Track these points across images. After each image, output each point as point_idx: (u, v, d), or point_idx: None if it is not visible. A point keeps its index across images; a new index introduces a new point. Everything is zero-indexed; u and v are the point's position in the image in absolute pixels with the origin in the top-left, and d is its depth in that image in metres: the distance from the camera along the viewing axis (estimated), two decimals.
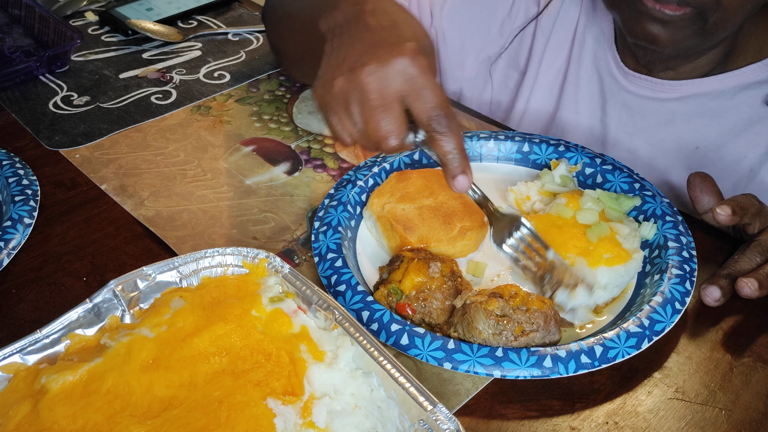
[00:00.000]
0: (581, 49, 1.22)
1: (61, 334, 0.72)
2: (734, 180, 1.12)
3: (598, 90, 1.21)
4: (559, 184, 0.99)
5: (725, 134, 1.12)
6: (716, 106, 1.11)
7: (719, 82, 1.10)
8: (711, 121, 1.12)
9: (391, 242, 0.92)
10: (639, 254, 0.89)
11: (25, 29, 1.42)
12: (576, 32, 1.22)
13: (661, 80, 1.14)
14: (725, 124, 1.12)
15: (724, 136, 1.12)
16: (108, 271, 0.91)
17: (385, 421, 0.69)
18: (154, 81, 1.30)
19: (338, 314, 0.73)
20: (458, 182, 0.80)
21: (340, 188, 0.99)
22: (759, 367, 0.81)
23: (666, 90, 1.14)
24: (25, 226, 0.93)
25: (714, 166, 1.12)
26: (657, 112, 1.16)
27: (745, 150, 1.11)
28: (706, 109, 1.12)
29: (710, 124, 1.12)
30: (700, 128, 1.13)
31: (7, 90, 1.25)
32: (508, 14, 1.28)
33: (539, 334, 0.78)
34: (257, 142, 1.15)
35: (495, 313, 0.78)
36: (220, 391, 0.67)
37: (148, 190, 1.04)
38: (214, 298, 0.76)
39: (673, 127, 1.15)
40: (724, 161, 1.13)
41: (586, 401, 0.77)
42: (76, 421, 0.64)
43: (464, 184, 0.81)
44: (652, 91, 1.15)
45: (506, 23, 1.28)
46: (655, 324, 0.81)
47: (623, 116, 1.19)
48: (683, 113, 1.14)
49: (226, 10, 1.53)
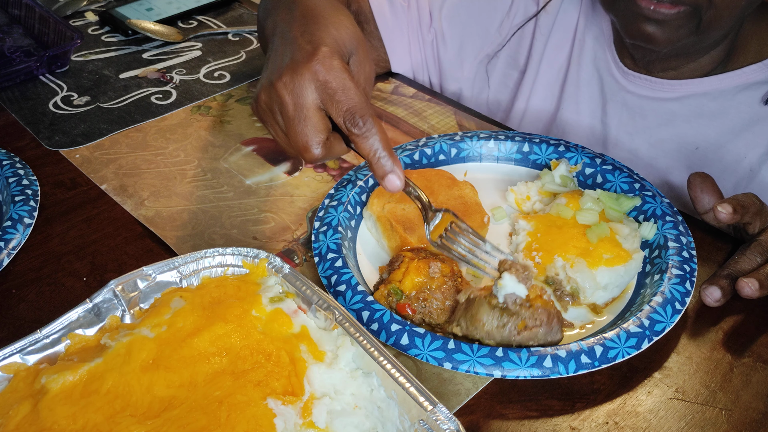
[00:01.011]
0: (581, 50, 1.22)
1: (61, 334, 0.72)
2: (735, 180, 1.12)
3: (598, 90, 1.21)
4: (559, 184, 0.99)
5: (725, 134, 1.12)
6: (716, 106, 1.12)
7: (719, 81, 1.11)
8: (711, 121, 1.12)
9: (391, 242, 0.92)
10: (639, 254, 0.89)
11: (25, 29, 1.42)
12: (576, 32, 1.23)
13: (660, 80, 1.14)
14: (725, 124, 1.12)
15: (724, 136, 1.12)
16: (108, 271, 0.91)
17: (385, 421, 0.69)
18: (154, 81, 1.30)
19: (338, 314, 0.73)
20: (389, 182, 0.78)
21: (340, 188, 0.99)
22: (759, 367, 0.81)
23: (666, 89, 1.14)
24: (25, 226, 0.93)
25: (714, 167, 1.12)
26: (657, 112, 1.16)
27: (744, 150, 1.11)
28: (705, 109, 1.12)
29: (710, 124, 1.13)
30: (700, 128, 1.13)
31: (7, 90, 1.26)
32: (507, 13, 1.28)
33: (542, 330, 0.78)
34: (257, 142, 1.15)
35: (499, 307, 0.78)
36: (220, 391, 0.67)
37: (148, 190, 1.04)
38: (214, 298, 0.76)
39: (673, 127, 1.15)
40: (724, 161, 1.13)
41: (587, 401, 0.77)
42: (76, 421, 0.64)
43: (395, 184, 0.78)
44: (652, 91, 1.15)
45: (505, 22, 1.28)
46: (655, 324, 0.81)
47: (624, 116, 1.19)
48: (683, 113, 1.14)
49: (226, 10, 1.53)
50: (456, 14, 1.31)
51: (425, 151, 1.06)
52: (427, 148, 1.07)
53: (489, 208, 1.00)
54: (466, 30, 1.31)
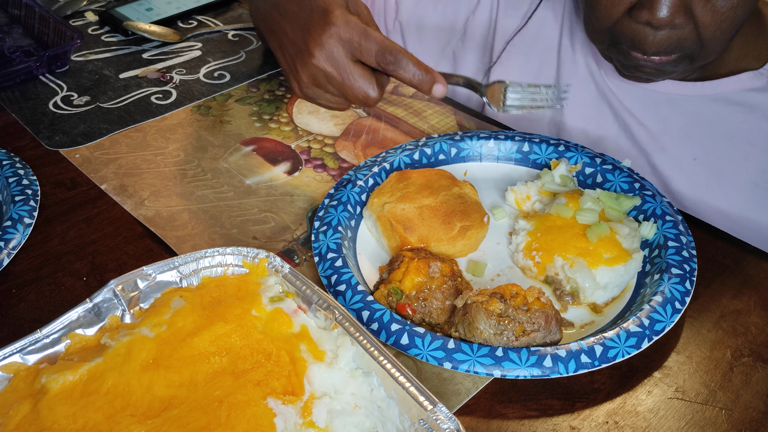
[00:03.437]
0: (573, 54, 1.21)
1: (61, 333, 0.72)
2: (738, 191, 1.12)
3: (594, 94, 1.21)
4: (559, 184, 0.99)
5: (722, 143, 1.12)
6: (711, 114, 1.11)
7: (712, 88, 1.10)
8: (705, 130, 1.12)
9: (391, 242, 0.92)
10: (639, 254, 0.89)
11: (25, 29, 1.42)
12: (561, 38, 1.23)
13: (654, 89, 1.13)
14: (721, 133, 1.11)
15: (719, 144, 1.12)
16: (108, 271, 0.91)
17: (385, 421, 0.69)
18: (154, 81, 1.30)
19: (338, 314, 0.73)
20: (436, 91, 0.87)
21: (340, 188, 0.99)
22: (759, 366, 0.82)
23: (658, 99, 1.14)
24: (25, 226, 0.93)
25: (714, 176, 1.12)
26: (654, 120, 1.16)
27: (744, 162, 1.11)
28: (701, 118, 1.12)
29: (705, 133, 1.12)
30: (697, 137, 1.13)
31: (7, 90, 1.26)
32: (473, 11, 1.30)
33: (540, 334, 0.78)
34: (257, 141, 1.15)
35: (496, 313, 0.78)
36: (221, 391, 0.67)
37: (148, 190, 1.04)
38: (214, 297, 0.76)
39: (669, 136, 1.15)
40: (723, 172, 1.12)
41: (586, 401, 0.78)
42: (77, 420, 0.64)
43: (441, 90, 0.87)
44: (644, 98, 1.15)
45: (470, 20, 1.31)
46: (655, 324, 0.81)
47: (620, 123, 1.19)
48: (679, 121, 1.14)
49: (226, 10, 1.53)
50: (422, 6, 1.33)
51: (425, 151, 1.06)
52: (427, 148, 1.07)
53: (489, 208, 1.00)
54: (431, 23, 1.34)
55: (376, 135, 1.16)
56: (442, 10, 1.33)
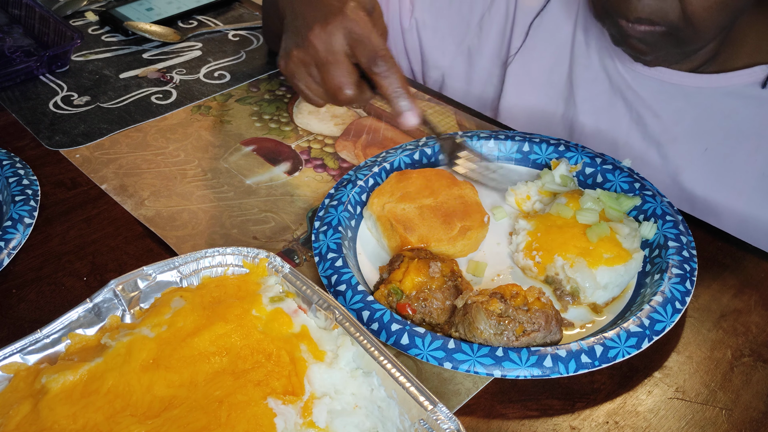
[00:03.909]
0: (587, 50, 1.22)
1: (61, 333, 0.72)
2: (747, 181, 1.12)
3: (607, 89, 1.21)
4: (559, 184, 0.99)
5: (733, 135, 1.12)
6: (723, 106, 1.12)
7: (726, 80, 1.11)
8: (717, 122, 1.12)
9: (391, 242, 0.92)
10: (639, 254, 0.89)
11: (25, 29, 1.42)
12: (575, 32, 1.23)
13: (669, 79, 1.14)
14: (733, 125, 1.12)
15: (730, 136, 1.12)
16: (108, 271, 0.91)
17: (386, 421, 0.69)
18: (154, 81, 1.30)
19: (338, 314, 0.73)
20: (406, 118, 0.87)
21: (341, 188, 0.99)
22: (759, 366, 0.82)
23: (672, 91, 1.14)
24: (25, 226, 0.93)
25: (723, 168, 1.12)
26: (668, 111, 1.16)
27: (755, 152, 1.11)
28: (714, 110, 1.12)
29: (717, 125, 1.12)
30: (709, 128, 1.13)
31: (7, 90, 1.26)
32: (488, 9, 1.30)
33: (540, 334, 0.78)
34: (257, 142, 1.15)
35: (496, 313, 0.78)
36: (221, 391, 0.67)
37: (148, 190, 1.04)
38: (215, 297, 0.76)
39: (681, 127, 1.15)
40: (733, 163, 1.12)
41: (587, 401, 0.78)
42: (77, 420, 0.64)
43: (412, 119, 0.87)
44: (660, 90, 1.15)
45: (486, 18, 1.30)
46: (656, 324, 0.81)
47: (633, 116, 1.19)
48: (692, 113, 1.14)
49: (226, 10, 1.53)
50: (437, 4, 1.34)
51: (425, 151, 1.06)
52: (427, 148, 1.07)
53: (489, 208, 1.00)
54: (446, 20, 1.34)
55: (377, 135, 1.16)
56: (457, 7, 1.33)
